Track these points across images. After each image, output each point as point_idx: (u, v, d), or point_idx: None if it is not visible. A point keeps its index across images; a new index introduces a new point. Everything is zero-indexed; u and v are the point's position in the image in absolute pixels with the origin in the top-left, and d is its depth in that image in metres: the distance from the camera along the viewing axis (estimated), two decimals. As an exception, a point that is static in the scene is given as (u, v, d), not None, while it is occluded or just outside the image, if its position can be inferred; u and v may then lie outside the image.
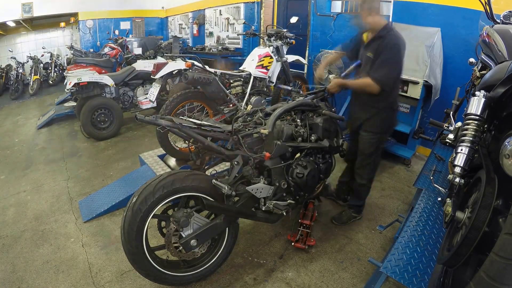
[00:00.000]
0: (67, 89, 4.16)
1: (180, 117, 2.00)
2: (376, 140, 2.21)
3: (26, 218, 2.65)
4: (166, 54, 4.62)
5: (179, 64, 3.26)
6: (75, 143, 4.34)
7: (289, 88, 2.72)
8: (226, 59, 5.85)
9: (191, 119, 1.84)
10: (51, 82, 7.78)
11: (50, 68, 7.83)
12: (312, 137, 2.08)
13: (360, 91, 2.17)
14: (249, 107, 3.48)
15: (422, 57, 3.18)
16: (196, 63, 3.21)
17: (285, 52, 3.76)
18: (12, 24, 7.72)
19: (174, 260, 1.89)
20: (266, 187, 1.86)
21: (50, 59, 7.88)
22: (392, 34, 2.00)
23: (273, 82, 3.82)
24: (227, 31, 6.60)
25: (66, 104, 5.54)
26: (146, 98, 4.38)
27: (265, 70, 3.65)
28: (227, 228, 1.91)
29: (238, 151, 1.85)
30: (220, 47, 6.49)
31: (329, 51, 4.25)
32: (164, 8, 8.79)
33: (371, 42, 2.10)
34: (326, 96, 2.36)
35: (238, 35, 6.27)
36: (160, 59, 4.70)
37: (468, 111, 1.25)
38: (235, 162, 1.80)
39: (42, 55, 7.82)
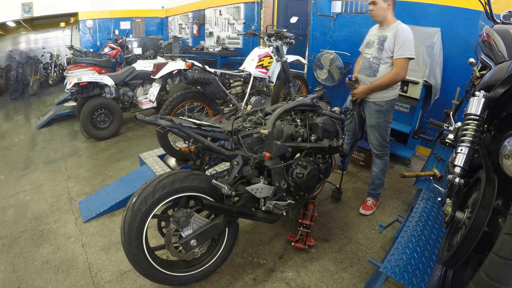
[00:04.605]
0: (67, 89, 4.15)
1: (180, 117, 2.00)
2: None
3: (26, 218, 2.65)
4: (166, 54, 4.62)
5: (179, 64, 3.26)
6: (75, 143, 4.34)
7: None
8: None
9: (191, 119, 1.84)
10: (51, 82, 7.79)
11: (50, 68, 7.84)
12: (312, 137, 2.08)
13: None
14: (249, 107, 3.48)
15: (422, 57, 3.18)
16: (196, 63, 3.21)
17: (285, 52, 3.76)
18: (12, 24, 7.73)
19: (174, 260, 1.89)
20: (266, 187, 1.86)
21: (50, 59, 7.88)
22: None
23: (272, 82, 3.82)
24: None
25: (66, 104, 5.55)
26: (146, 98, 4.38)
27: (265, 70, 3.65)
28: (227, 228, 1.91)
29: (238, 151, 1.84)
30: (220, 47, 6.50)
31: (329, 51, 4.26)
32: (164, 8, 8.80)
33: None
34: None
35: (238, 35, 6.28)
36: (160, 59, 4.71)
37: (468, 111, 1.25)
38: (235, 162, 1.80)
39: (42, 55, 7.83)
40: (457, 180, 1.22)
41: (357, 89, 2.45)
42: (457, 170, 1.22)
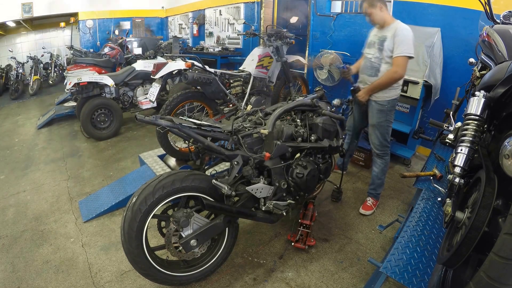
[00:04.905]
0: (67, 89, 4.16)
1: (180, 117, 2.00)
2: None
3: (26, 218, 2.65)
4: (166, 54, 4.63)
5: (179, 64, 3.27)
6: (75, 143, 4.34)
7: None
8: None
9: (191, 119, 1.84)
10: (51, 82, 7.78)
11: (50, 68, 7.84)
12: (312, 137, 2.08)
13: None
14: (249, 107, 3.48)
15: (422, 57, 3.18)
16: (196, 63, 3.21)
17: (285, 52, 3.76)
18: (12, 24, 7.73)
19: (174, 260, 1.89)
20: (266, 187, 1.86)
21: (50, 59, 7.88)
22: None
23: (272, 82, 3.83)
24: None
25: (66, 104, 5.54)
26: (146, 98, 4.38)
27: (265, 70, 3.65)
28: (227, 228, 1.91)
29: (238, 151, 1.84)
30: (220, 47, 6.50)
31: (329, 51, 4.25)
32: (164, 8, 8.80)
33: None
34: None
35: (238, 35, 6.28)
36: (160, 59, 4.71)
37: (468, 111, 1.25)
38: (235, 162, 1.80)
39: (42, 55, 7.83)
40: (457, 180, 1.22)
41: (360, 92, 2.48)
42: (457, 170, 1.22)
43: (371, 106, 2.48)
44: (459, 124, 1.44)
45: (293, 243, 2.18)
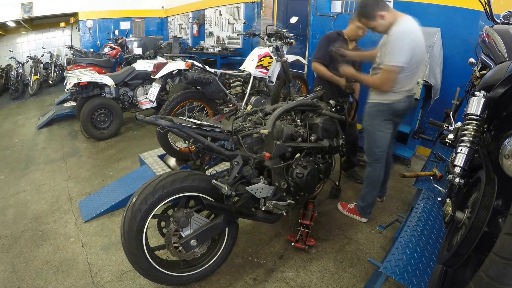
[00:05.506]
0: (67, 89, 4.16)
1: (180, 117, 2.00)
2: None
3: (26, 218, 2.65)
4: (166, 54, 4.63)
5: (179, 64, 3.27)
6: (75, 143, 4.35)
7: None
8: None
9: (191, 119, 1.84)
10: (51, 82, 7.79)
11: (50, 68, 7.84)
12: (312, 137, 2.08)
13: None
14: (249, 107, 3.48)
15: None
16: (196, 63, 3.21)
17: (285, 52, 3.76)
18: (12, 24, 7.74)
19: (174, 260, 1.89)
20: (266, 187, 1.86)
21: (50, 59, 7.89)
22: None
23: (273, 82, 3.83)
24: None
25: (66, 104, 5.55)
26: (146, 98, 4.39)
27: (265, 70, 3.65)
28: (226, 228, 1.91)
29: (238, 151, 1.84)
30: (220, 47, 6.50)
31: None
32: (164, 8, 8.80)
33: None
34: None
35: (238, 35, 6.28)
36: (160, 59, 4.71)
37: (468, 111, 1.25)
38: (235, 162, 1.80)
39: (42, 55, 7.83)
40: (457, 180, 1.22)
41: (346, 68, 2.33)
42: (457, 170, 1.22)
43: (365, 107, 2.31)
44: (459, 124, 1.43)
45: (293, 243, 2.18)
